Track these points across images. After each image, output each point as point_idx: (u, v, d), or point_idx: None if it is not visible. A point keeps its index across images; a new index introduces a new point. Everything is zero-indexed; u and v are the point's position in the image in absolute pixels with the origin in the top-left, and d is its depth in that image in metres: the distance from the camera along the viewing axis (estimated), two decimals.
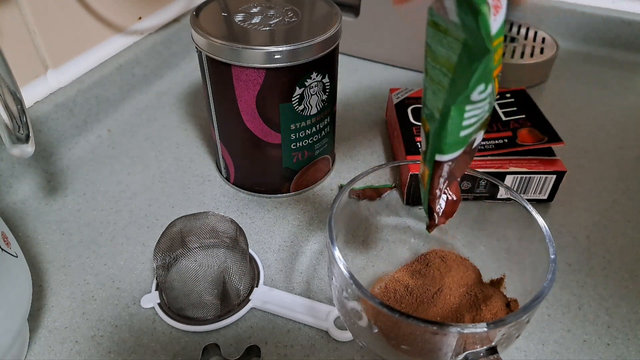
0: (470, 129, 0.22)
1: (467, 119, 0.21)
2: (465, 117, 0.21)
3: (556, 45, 0.66)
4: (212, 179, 0.49)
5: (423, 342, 0.25)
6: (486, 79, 0.20)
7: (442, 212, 0.26)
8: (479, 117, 0.21)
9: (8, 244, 0.30)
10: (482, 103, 0.21)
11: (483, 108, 0.21)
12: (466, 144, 0.23)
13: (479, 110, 0.21)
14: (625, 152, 0.53)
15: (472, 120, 0.21)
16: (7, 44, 0.45)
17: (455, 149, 0.23)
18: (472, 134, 0.23)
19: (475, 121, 0.21)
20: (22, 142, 0.32)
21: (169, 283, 0.36)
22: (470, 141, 0.23)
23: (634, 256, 0.41)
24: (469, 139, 0.23)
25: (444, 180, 0.25)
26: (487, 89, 0.20)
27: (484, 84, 0.20)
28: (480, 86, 0.20)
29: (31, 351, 0.34)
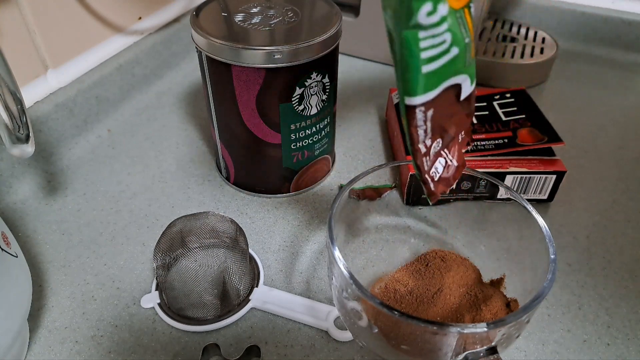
0: (434, 62, 0.20)
1: (425, 50, 0.19)
2: (421, 46, 0.19)
3: (556, 45, 0.66)
4: (212, 179, 0.49)
5: (423, 342, 0.25)
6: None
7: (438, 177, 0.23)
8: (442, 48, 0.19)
9: (8, 244, 0.30)
10: (437, 29, 0.19)
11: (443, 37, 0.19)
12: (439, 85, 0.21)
13: (437, 39, 0.19)
14: (625, 152, 0.53)
15: (432, 51, 0.19)
16: (7, 44, 0.45)
17: (424, 89, 0.20)
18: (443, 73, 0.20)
19: (437, 53, 0.19)
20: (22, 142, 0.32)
21: (169, 283, 0.36)
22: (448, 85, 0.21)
23: (634, 256, 0.41)
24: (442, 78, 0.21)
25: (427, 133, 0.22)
26: (437, 10, 0.18)
27: (431, 2, 0.18)
28: (426, 5, 0.18)
29: (31, 351, 0.34)
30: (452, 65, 0.20)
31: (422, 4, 0.18)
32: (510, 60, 0.62)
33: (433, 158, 0.23)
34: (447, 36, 0.19)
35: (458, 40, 0.20)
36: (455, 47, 0.20)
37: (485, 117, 0.48)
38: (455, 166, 0.24)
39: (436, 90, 0.21)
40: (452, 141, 0.23)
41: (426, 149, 0.22)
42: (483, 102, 0.51)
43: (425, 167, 0.23)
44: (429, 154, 0.22)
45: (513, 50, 0.65)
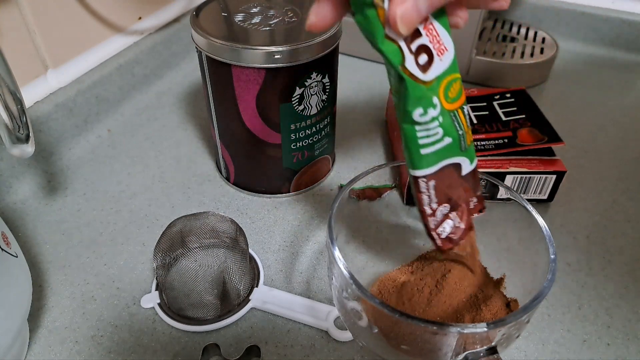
0: (429, 148, 0.25)
1: (421, 138, 0.24)
2: (418, 136, 0.24)
3: (556, 45, 0.66)
4: (212, 179, 0.49)
5: (423, 342, 0.25)
6: (423, 104, 0.23)
7: (446, 235, 0.27)
8: (434, 138, 0.24)
9: (8, 244, 0.30)
10: (429, 125, 0.24)
11: (435, 131, 0.24)
12: (437, 164, 0.25)
13: (429, 132, 0.24)
14: (625, 152, 0.53)
15: (426, 140, 0.24)
16: (7, 44, 0.45)
17: (424, 165, 0.25)
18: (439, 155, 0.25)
19: (431, 142, 0.24)
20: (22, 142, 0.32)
21: (169, 283, 0.36)
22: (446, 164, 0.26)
23: (634, 256, 0.41)
24: (439, 159, 0.25)
25: (431, 198, 0.26)
26: (427, 113, 0.23)
27: (422, 108, 0.23)
28: (418, 109, 0.23)
29: (31, 351, 0.34)
30: (447, 150, 0.25)
31: (415, 108, 0.23)
32: (510, 60, 0.62)
33: (441, 219, 0.27)
34: (438, 130, 0.24)
35: (450, 133, 0.25)
36: (448, 137, 0.25)
37: (485, 117, 0.48)
38: (462, 229, 0.28)
39: (435, 167, 0.25)
40: (460, 207, 0.27)
41: (432, 211, 0.27)
42: (483, 102, 0.51)
43: (431, 226, 0.27)
44: (435, 215, 0.27)
45: (513, 50, 0.65)
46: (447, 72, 0.24)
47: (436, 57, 0.23)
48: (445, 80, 0.24)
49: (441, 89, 0.24)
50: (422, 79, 0.23)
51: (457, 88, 0.25)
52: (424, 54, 0.23)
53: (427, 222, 0.27)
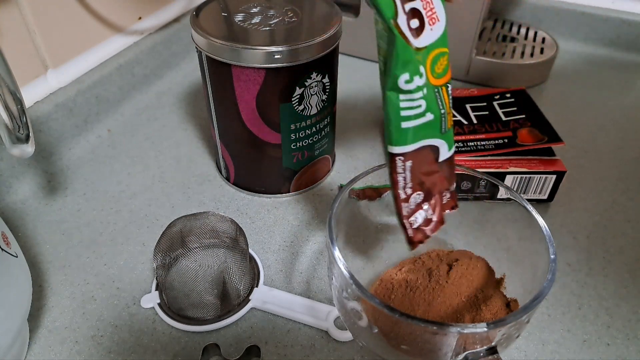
0: (410, 121, 0.24)
1: (404, 109, 0.24)
2: (401, 105, 0.23)
3: (556, 45, 0.66)
4: (212, 179, 0.49)
5: (423, 342, 0.25)
6: (409, 69, 0.23)
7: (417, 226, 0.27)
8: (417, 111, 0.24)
9: (8, 244, 0.30)
10: (413, 95, 0.23)
11: (418, 102, 0.24)
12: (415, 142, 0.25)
13: (412, 102, 0.24)
14: (625, 152, 0.53)
15: (409, 112, 0.24)
16: (7, 44, 0.45)
17: (402, 142, 0.25)
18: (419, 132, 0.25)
19: (413, 114, 0.24)
20: (22, 142, 0.32)
21: (169, 283, 0.36)
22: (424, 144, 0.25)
23: (634, 256, 0.41)
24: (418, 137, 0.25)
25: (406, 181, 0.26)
26: (413, 80, 0.23)
27: (408, 73, 0.23)
28: (404, 75, 0.23)
29: (31, 351, 0.34)
30: (427, 128, 0.25)
31: (402, 72, 0.23)
32: (510, 60, 0.62)
33: (414, 208, 0.26)
34: (422, 102, 0.24)
35: (433, 109, 0.24)
36: (430, 113, 0.24)
37: (485, 117, 0.48)
38: (434, 221, 0.27)
39: (413, 145, 0.25)
40: (434, 198, 0.27)
41: (406, 196, 0.26)
42: (483, 102, 0.51)
43: (404, 213, 0.26)
44: (409, 202, 0.26)
45: (513, 50, 0.65)
46: (436, 44, 0.23)
47: (427, 25, 0.22)
48: (434, 52, 0.23)
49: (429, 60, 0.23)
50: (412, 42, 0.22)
51: (444, 63, 0.24)
52: (416, 19, 0.22)
53: (400, 209, 0.26)
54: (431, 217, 0.27)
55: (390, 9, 0.22)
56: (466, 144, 0.45)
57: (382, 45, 0.23)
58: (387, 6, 0.22)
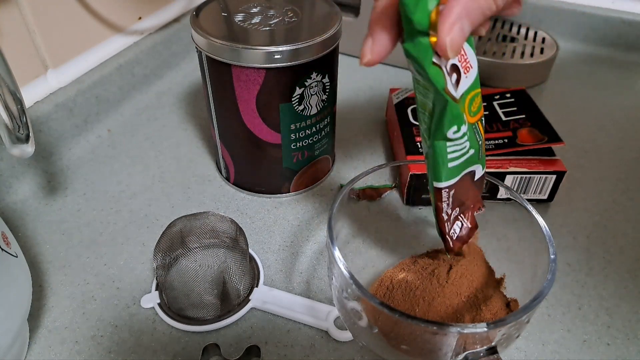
0: (456, 161, 0.26)
1: (450, 153, 0.26)
2: (448, 151, 0.26)
3: (556, 45, 0.66)
4: (212, 179, 0.49)
5: (423, 342, 0.25)
6: (457, 122, 0.24)
7: (456, 236, 0.29)
8: (462, 152, 0.26)
9: (8, 244, 0.30)
10: (460, 141, 0.26)
11: (463, 145, 0.26)
12: (460, 174, 0.27)
13: (459, 147, 0.26)
14: (625, 152, 0.53)
15: (455, 154, 0.26)
16: (7, 44, 0.45)
17: (448, 178, 0.27)
18: (463, 166, 0.27)
19: (458, 155, 0.26)
20: (22, 142, 0.32)
21: (169, 283, 0.36)
22: (466, 172, 0.27)
23: (634, 256, 0.41)
24: (461, 169, 0.27)
25: (449, 205, 0.28)
26: (460, 129, 0.25)
27: (456, 125, 0.25)
28: (453, 127, 0.25)
29: (31, 351, 0.34)
30: (469, 161, 0.27)
31: (451, 127, 0.24)
32: (510, 60, 0.62)
33: (452, 222, 0.29)
34: (466, 144, 0.26)
35: (473, 145, 0.26)
36: (472, 149, 0.27)
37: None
38: (468, 227, 0.30)
39: (457, 177, 0.27)
40: (467, 209, 0.29)
41: (447, 216, 0.29)
42: (483, 102, 0.51)
43: (446, 230, 0.29)
44: (450, 220, 0.29)
45: (513, 50, 0.65)
46: (471, 88, 0.25)
47: (463, 75, 0.24)
48: (470, 95, 0.25)
49: (466, 104, 0.25)
50: (456, 97, 0.24)
51: (479, 102, 0.26)
52: (454, 73, 0.24)
53: (444, 228, 0.29)
54: (466, 225, 0.30)
55: (441, 80, 0.23)
56: None
57: (427, 103, 0.25)
58: (438, 77, 0.23)
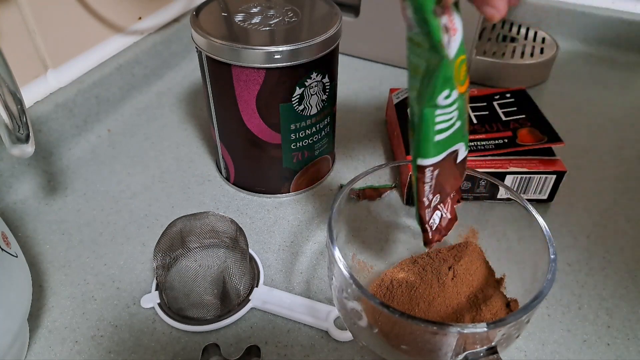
0: (443, 134, 0.25)
1: (439, 123, 0.25)
2: (436, 120, 0.24)
3: (556, 45, 0.66)
4: (212, 179, 0.49)
5: (423, 342, 0.25)
6: (449, 85, 0.23)
7: (435, 227, 0.28)
8: (450, 123, 0.25)
9: (8, 244, 0.30)
10: (449, 109, 0.24)
11: (452, 114, 0.25)
12: (444, 151, 0.26)
13: (448, 116, 0.24)
14: (625, 152, 0.53)
15: (443, 125, 0.25)
16: (7, 44, 0.45)
17: (434, 154, 0.25)
18: (448, 142, 0.26)
19: (446, 126, 0.25)
20: (22, 142, 0.32)
21: (169, 283, 0.36)
22: (450, 151, 0.26)
23: (634, 256, 0.41)
24: (447, 146, 0.26)
25: (431, 188, 0.27)
26: (452, 95, 0.24)
27: (448, 89, 0.23)
28: (445, 91, 0.23)
29: (31, 351, 0.34)
30: (455, 136, 0.26)
31: (443, 89, 0.23)
32: (510, 60, 0.62)
33: (432, 210, 0.27)
34: (455, 113, 0.25)
35: (461, 116, 0.25)
36: (459, 120, 0.25)
37: (485, 117, 0.48)
38: (448, 218, 0.28)
39: (442, 154, 0.26)
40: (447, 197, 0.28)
41: (428, 202, 0.27)
42: (483, 102, 0.51)
43: (426, 218, 0.27)
44: (430, 207, 0.27)
45: (513, 50, 0.65)
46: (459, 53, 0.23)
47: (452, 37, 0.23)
48: (458, 60, 0.24)
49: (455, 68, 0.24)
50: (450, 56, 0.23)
51: (465, 69, 0.25)
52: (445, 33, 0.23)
53: (423, 214, 0.27)
54: (446, 216, 0.28)
55: (439, 32, 0.22)
56: None
57: (420, 64, 0.24)
58: (437, 30, 0.22)
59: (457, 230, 0.35)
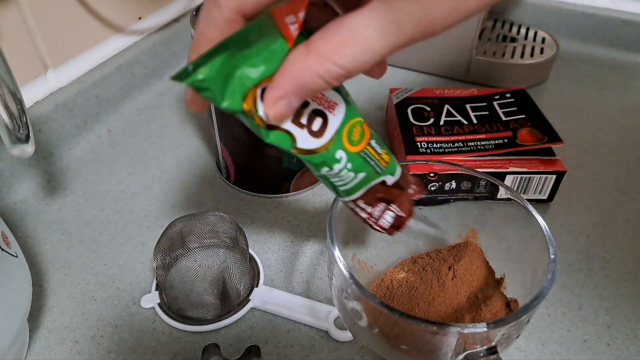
0: (346, 185, 0.26)
1: (336, 183, 0.26)
2: (332, 182, 0.26)
3: (556, 45, 0.66)
4: (212, 179, 0.49)
5: (423, 342, 0.25)
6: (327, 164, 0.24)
7: (389, 225, 0.29)
8: (348, 179, 0.26)
9: (8, 244, 0.30)
10: (340, 174, 0.25)
11: (346, 175, 0.25)
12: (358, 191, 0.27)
13: (342, 177, 0.26)
14: (625, 152, 0.53)
15: (341, 182, 0.26)
16: (7, 44, 0.45)
17: (347, 196, 0.27)
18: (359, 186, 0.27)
19: (346, 181, 0.26)
20: (22, 142, 0.32)
21: (169, 283, 0.36)
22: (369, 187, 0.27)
23: (634, 256, 0.41)
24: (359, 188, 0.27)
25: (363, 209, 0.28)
26: (333, 168, 0.24)
27: (327, 167, 0.24)
28: (324, 169, 0.25)
29: (31, 351, 0.34)
30: (365, 181, 0.27)
31: (320, 169, 0.25)
32: (510, 60, 0.62)
33: (378, 214, 0.29)
34: (350, 174, 0.25)
35: (362, 169, 0.26)
36: (361, 172, 0.26)
37: (485, 117, 0.48)
38: (404, 217, 0.29)
39: (359, 192, 0.27)
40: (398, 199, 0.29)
41: (368, 214, 0.28)
42: (483, 102, 0.51)
43: (371, 224, 0.29)
44: (373, 215, 0.28)
45: (513, 50, 0.65)
46: (345, 121, 0.24)
47: (330, 115, 0.23)
48: (346, 128, 0.24)
49: (344, 137, 0.24)
50: (319, 145, 0.23)
51: (359, 130, 0.25)
52: (318, 117, 0.23)
53: (368, 223, 0.29)
54: (399, 214, 0.29)
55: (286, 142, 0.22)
56: (466, 144, 0.45)
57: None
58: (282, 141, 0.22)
59: (457, 230, 0.35)
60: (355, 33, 0.18)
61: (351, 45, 0.18)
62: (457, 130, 0.47)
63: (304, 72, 0.19)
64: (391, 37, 0.18)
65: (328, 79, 0.19)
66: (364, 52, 0.18)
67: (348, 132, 0.24)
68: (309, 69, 0.19)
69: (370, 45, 0.18)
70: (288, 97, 0.20)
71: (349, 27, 0.18)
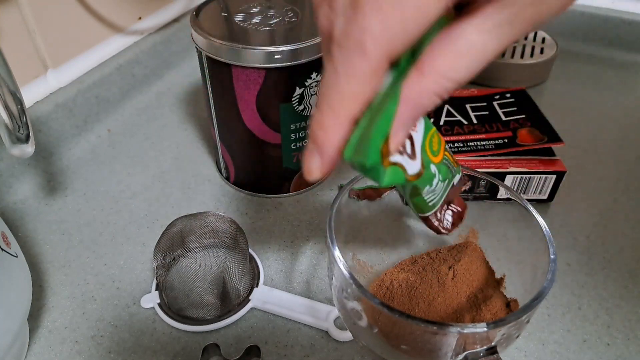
0: (435, 198, 0.27)
1: (428, 200, 0.27)
2: (426, 199, 0.27)
3: (556, 45, 0.66)
4: (212, 179, 0.49)
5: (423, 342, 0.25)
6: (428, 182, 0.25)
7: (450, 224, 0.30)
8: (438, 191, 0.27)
9: (8, 244, 0.30)
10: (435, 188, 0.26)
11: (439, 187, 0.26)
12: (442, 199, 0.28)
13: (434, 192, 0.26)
14: (625, 152, 0.53)
15: (432, 197, 0.27)
16: (7, 44, 0.45)
17: (435, 207, 0.28)
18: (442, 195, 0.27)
19: (436, 194, 0.27)
20: (22, 142, 0.32)
21: (169, 283, 0.36)
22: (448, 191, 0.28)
23: (634, 256, 0.41)
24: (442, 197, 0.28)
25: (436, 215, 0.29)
26: (433, 184, 0.25)
27: (429, 185, 0.25)
28: (427, 188, 0.25)
29: (31, 351, 0.34)
30: (447, 187, 0.27)
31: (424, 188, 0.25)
32: (510, 60, 0.62)
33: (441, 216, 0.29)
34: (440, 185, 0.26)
35: (446, 176, 0.26)
36: (447, 180, 0.27)
37: (485, 117, 0.48)
38: (460, 211, 0.30)
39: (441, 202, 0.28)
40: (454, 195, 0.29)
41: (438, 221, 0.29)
42: (483, 102, 0.51)
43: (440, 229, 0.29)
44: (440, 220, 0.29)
45: (513, 50, 0.65)
46: (425, 135, 0.24)
47: (413, 134, 0.23)
48: (427, 141, 0.24)
49: (428, 151, 0.24)
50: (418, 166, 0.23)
51: (437, 139, 0.25)
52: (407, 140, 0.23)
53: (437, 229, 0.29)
54: (457, 209, 0.30)
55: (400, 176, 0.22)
56: (466, 144, 0.45)
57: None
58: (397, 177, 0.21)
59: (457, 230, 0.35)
60: (471, 44, 0.17)
61: (466, 56, 0.17)
62: (457, 130, 0.47)
63: (422, 95, 0.18)
64: (504, 38, 0.17)
65: (443, 95, 0.18)
66: (478, 61, 0.18)
67: (429, 144, 0.24)
68: (427, 91, 0.18)
69: (485, 53, 0.17)
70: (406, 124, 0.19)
71: (464, 38, 0.17)
